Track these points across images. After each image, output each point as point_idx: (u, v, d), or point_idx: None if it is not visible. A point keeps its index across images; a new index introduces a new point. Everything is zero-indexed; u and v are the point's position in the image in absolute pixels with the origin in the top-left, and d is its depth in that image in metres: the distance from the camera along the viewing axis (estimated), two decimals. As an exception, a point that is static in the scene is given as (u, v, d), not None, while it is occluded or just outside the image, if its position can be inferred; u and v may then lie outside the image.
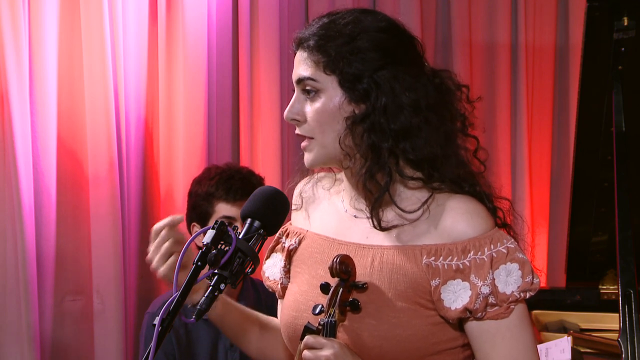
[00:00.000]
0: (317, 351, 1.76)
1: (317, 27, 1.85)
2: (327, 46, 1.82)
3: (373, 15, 1.87)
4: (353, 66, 1.80)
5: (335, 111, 1.82)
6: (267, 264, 2.06)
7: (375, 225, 1.83)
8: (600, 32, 2.97)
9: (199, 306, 1.68)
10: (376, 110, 1.80)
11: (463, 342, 1.83)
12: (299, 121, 1.86)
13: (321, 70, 1.82)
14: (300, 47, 1.87)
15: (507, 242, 1.81)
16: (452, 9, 3.96)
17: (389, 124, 1.80)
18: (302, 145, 1.88)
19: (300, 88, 1.86)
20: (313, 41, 1.83)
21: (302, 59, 1.85)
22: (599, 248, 3.40)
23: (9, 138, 3.34)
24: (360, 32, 1.82)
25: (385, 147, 1.80)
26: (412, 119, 1.81)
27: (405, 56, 1.85)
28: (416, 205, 1.82)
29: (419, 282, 1.80)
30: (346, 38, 1.82)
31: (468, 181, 1.86)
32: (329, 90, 1.82)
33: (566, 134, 4.00)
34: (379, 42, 1.82)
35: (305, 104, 1.85)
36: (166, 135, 3.67)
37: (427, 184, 1.83)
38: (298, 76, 1.85)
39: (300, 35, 1.87)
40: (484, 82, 3.97)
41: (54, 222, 3.46)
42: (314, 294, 1.86)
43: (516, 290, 1.79)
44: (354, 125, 1.81)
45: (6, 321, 3.38)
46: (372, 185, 1.83)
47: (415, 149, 1.81)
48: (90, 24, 3.47)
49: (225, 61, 3.77)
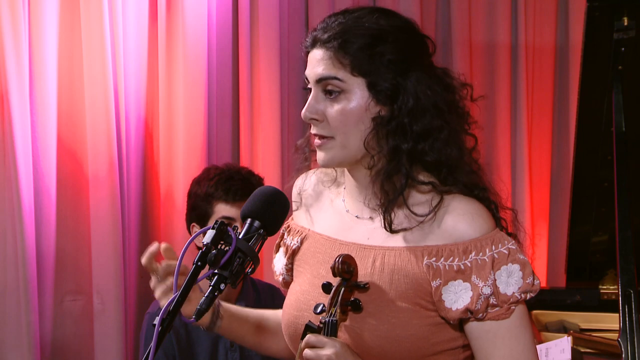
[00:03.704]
0: (319, 350, 1.77)
1: (339, 26, 1.82)
2: (353, 47, 1.79)
3: (393, 15, 1.86)
4: (381, 69, 1.79)
5: (362, 112, 1.81)
6: (276, 258, 2.08)
7: (386, 227, 1.83)
8: (600, 32, 2.97)
9: (199, 306, 1.68)
10: (402, 112, 1.79)
11: (463, 343, 1.84)
12: (317, 121, 1.83)
13: (348, 72, 1.80)
14: (319, 46, 1.83)
15: (508, 243, 1.81)
16: (452, 9, 3.96)
17: (412, 126, 1.80)
18: (317, 144, 1.85)
19: (320, 87, 1.83)
20: (337, 42, 1.80)
21: (323, 58, 1.82)
22: (599, 248, 3.40)
23: (9, 138, 3.34)
24: (385, 34, 1.81)
25: (405, 148, 1.80)
26: (434, 121, 1.81)
27: (424, 57, 1.85)
28: (426, 210, 1.82)
29: (420, 283, 1.81)
30: (371, 39, 1.80)
31: (479, 186, 1.86)
32: (355, 91, 1.80)
33: (566, 134, 4.00)
34: (402, 44, 1.81)
35: (325, 103, 1.82)
36: (166, 135, 3.66)
37: (437, 189, 1.83)
38: (320, 75, 1.82)
39: (319, 34, 1.83)
40: (484, 82, 3.97)
41: (54, 222, 3.46)
42: (316, 294, 1.87)
43: (517, 291, 1.79)
44: (380, 126, 1.80)
45: (6, 321, 3.38)
46: (389, 186, 1.83)
47: (434, 151, 1.81)
48: (90, 24, 3.47)
49: (225, 61, 3.77)
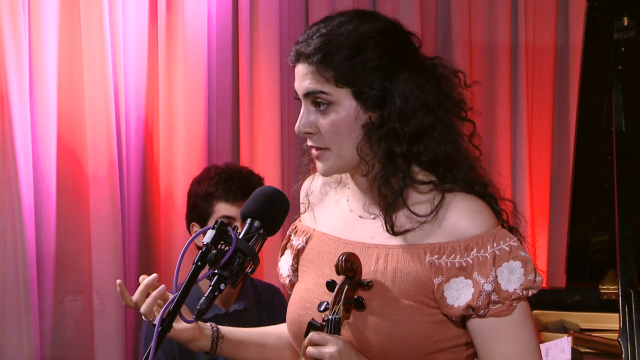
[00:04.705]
0: (322, 347, 1.77)
1: (319, 40, 1.81)
2: (335, 60, 1.79)
3: (373, 19, 1.85)
4: (365, 77, 1.79)
5: (352, 121, 1.81)
6: (281, 260, 2.08)
7: (389, 230, 1.83)
8: (600, 32, 2.97)
9: (199, 306, 1.68)
10: (392, 115, 1.79)
11: (466, 340, 1.84)
12: (311, 134, 1.84)
13: (333, 84, 1.80)
14: (302, 61, 1.83)
15: (510, 240, 1.81)
16: (452, 9, 3.96)
17: (403, 128, 1.80)
18: (314, 155, 1.86)
19: (309, 100, 1.83)
20: (318, 56, 1.80)
21: (307, 72, 1.82)
22: (599, 248, 3.40)
23: (9, 138, 3.34)
24: (365, 40, 1.80)
25: (399, 151, 1.81)
26: (425, 120, 1.81)
27: (409, 55, 1.85)
28: (425, 206, 1.82)
29: (423, 281, 1.81)
30: (352, 49, 1.79)
31: (479, 182, 1.87)
32: (343, 102, 1.80)
33: (566, 134, 4.00)
34: (384, 48, 1.81)
35: (316, 116, 1.83)
36: (166, 135, 3.67)
37: (438, 187, 1.84)
38: (307, 90, 1.82)
39: (301, 48, 1.83)
40: (484, 82, 3.97)
41: (54, 222, 3.46)
42: (320, 292, 1.87)
43: (519, 287, 1.79)
44: (372, 132, 1.81)
45: (6, 321, 3.38)
46: (387, 190, 1.83)
47: (429, 150, 1.82)
48: (90, 24, 3.47)
49: (225, 61, 3.77)
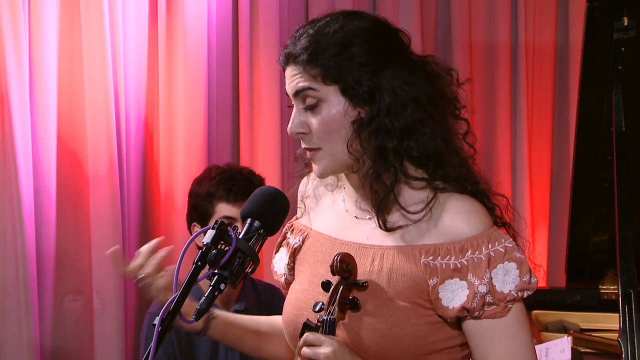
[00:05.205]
0: (316, 348, 1.77)
1: (306, 40, 1.82)
2: (322, 58, 1.80)
3: (358, 17, 1.85)
4: (352, 73, 1.80)
5: (341, 118, 1.81)
6: (276, 258, 2.08)
7: (381, 225, 1.83)
8: (600, 32, 2.97)
9: (199, 306, 1.69)
10: (381, 111, 1.80)
11: (461, 341, 1.84)
12: (304, 134, 1.84)
13: (320, 81, 1.81)
14: (291, 62, 1.84)
15: (505, 241, 1.81)
16: (452, 9, 3.96)
17: (393, 123, 1.80)
18: (309, 156, 1.87)
19: (299, 101, 1.84)
20: (305, 56, 1.81)
21: (295, 73, 1.83)
22: (599, 248, 3.41)
23: (9, 138, 3.35)
24: (351, 38, 1.81)
25: (390, 147, 1.81)
26: (415, 115, 1.81)
27: (397, 51, 1.85)
28: (420, 206, 1.82)
29: (418, 282, 1.81)
30: (338, 47, 1.80)
31: (470, 180, 1.86)
32: (331, 99, 1.81)
33: (566, 134, 4.00)
34: (371, 44, 1.81)
35: (307, 116, 1.83)
36: (166, 135, 3.67)
37: (430, 184, 1.84)
38: (295, 88, 1.83)
39: (289, 51, 1.84)
40: (484, 82, 3.97)
41: (54, 222, 3.46)
42: (315, 292, 1.87)
43: (514, 289, 1.79)
44: (361, 128, 1.81)
45: (6, 321, 3.38)
46: (379, 186, 1.83)
47: (420, 145, 1.82)
48: (90, 24, 3.47)
49: (225, 61, 3.77)
